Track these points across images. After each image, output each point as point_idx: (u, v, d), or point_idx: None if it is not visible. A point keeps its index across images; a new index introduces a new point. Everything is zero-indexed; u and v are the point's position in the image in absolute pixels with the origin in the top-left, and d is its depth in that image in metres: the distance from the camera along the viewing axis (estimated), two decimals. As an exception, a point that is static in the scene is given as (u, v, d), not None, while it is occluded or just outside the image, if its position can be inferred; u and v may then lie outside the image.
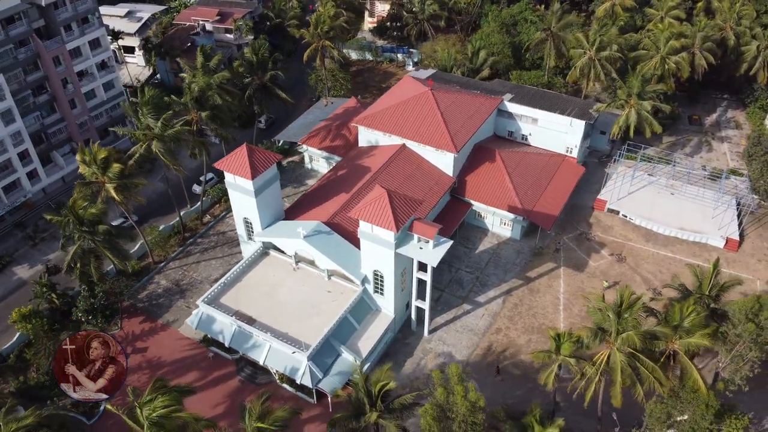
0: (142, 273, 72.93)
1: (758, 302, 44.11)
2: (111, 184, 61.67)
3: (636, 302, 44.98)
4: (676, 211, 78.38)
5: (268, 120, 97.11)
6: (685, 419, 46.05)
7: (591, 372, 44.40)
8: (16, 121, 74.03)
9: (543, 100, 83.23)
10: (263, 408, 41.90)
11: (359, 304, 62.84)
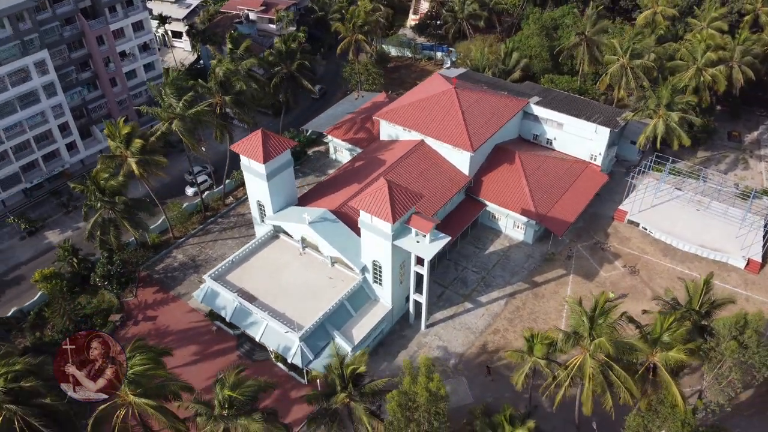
0: (162, 246, 76.33)
1: (744, 319, 42.68)
2: (133, 159, 64.97)
3: (611, 309, 44.31)
4: (698, 228, 75.96)
5: (320, 90, 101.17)
6: (663, 435, 45.13)
7: (562, 376, 44.08)
8: (58, 94, 78.72)
9: (571, 105, 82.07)
10: (237, 379, 43.59)
11: (358, 293, 64.00)
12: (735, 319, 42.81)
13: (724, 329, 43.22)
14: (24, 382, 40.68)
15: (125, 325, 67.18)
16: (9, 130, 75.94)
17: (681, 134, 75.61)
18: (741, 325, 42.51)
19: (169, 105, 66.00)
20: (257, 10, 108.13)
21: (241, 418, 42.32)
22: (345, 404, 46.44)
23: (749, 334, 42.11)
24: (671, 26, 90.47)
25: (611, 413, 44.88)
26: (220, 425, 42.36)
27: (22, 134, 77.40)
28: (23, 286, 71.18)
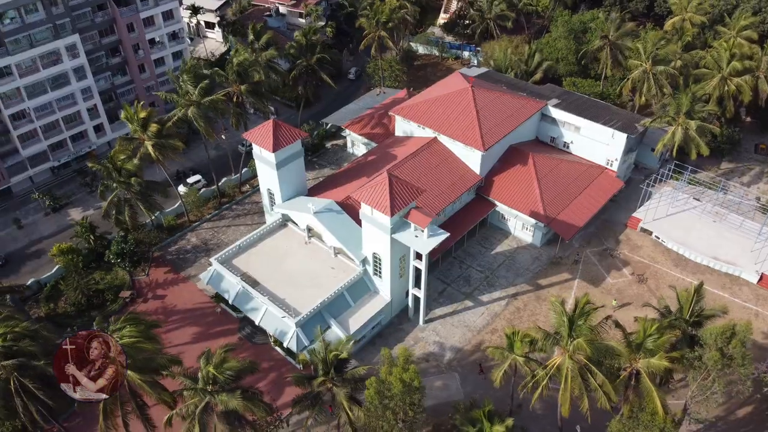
0: (177, 229, 78.67)
1: (732, 330, 41.84)
2: (149, 142, 67.29)
3: (592, 311, 44.06)
4: (713, 240, 74.28)
5: (357, 71, 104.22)
6: (644, 443, 44.64)
7: (540, 375, 44.05)
8: (88, 78, 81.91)
9: (590, 109, 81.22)
10: (222, 357, 44.98)
11: (358, 284, 64.91)
12: (722, 329, 42.01)
13: (710, 339, 42.47)
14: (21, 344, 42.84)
15: (135, 302, 69.58)
16: (39, 110, 79.43)
17: (700, 143, 74.08)
18: (727, 336, 41.69)
19: (186, 92, 68.16)
20: (288, 4, 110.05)
21: (222, 394, 43.71)
22: (328, 389, 47.50)
23: (734, 345, 41.28)
24: (700, 34, 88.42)
25: (587, 416, 44.62)
26: (203, 399, 43.83)
27: (52, 114, 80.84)
28: (43, 259, 74.44)
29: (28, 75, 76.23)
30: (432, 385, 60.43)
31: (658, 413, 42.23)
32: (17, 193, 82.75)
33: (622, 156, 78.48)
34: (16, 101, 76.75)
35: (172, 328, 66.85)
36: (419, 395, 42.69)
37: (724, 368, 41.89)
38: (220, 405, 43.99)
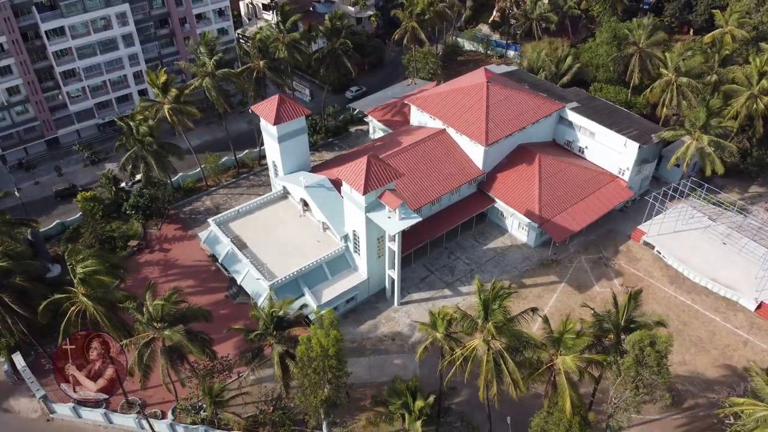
0: (194, 191, 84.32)
1: (651, 338, 40.99)
2: (167, 105, 72.81)
3: (507, 296, 44.75)
4: (717, 262, 71.25)
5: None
6: (561, 441, 44.76)
7: (457, 355, 45.10)
8: (135, 45, 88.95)
9: (608, 115, 79.60)
10: (175, 296, 49.16)
11: (338, 259, 67.58)
12: (640, 336, 41.27)
13: (629, 345, 41.90)
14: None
15: (141, 251, 75.55)
16: (88, 70, 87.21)
17: (714, 160, 71.27)
18: (646, 343, 40.94)
19: (203, 63, 73.17)
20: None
21: (166, 330, 47.80)
22: (270, 344, 50.69)
23: (648, 352, 40.53)
24: (743, 49, 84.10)
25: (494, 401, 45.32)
26: (149, 332, 48.11)
27: (99, 76, 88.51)
28: (72, 205, 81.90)
29: (80, 37, 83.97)
30: (392, 363, 62.44)
31: (566, 411, 42.31)
32: (64, 144, 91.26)
33: (634, 166, 76.52)
34: (67, 60, 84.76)
35: (170, 280, 72.08)
36: (335, 361, 44.77)
37: (637, 375, 41.32)
38: (165, 339, 48.13)
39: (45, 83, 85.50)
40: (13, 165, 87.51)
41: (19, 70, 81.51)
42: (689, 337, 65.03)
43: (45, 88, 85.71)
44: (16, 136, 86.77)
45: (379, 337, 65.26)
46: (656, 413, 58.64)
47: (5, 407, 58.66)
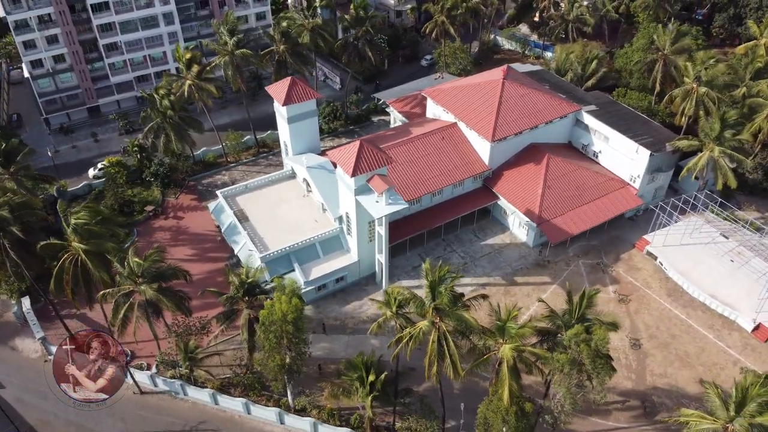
0: (215, 166, 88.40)
1: (586, 334, 40.72)
2: (189, 81, 76.83)
3: (454, 279, 45.55)
4: (719, 278, 68.92)
5: (432, 60, 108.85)
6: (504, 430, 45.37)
7: (405, 333, 46.27)
8: (175, 24, 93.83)
9: (625, 121, 78.15)
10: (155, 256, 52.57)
11: (332, 240, 69.66)
12: (576, 332, 41.07)
13: (567, 340, 41.78)
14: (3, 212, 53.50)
15: (156, 216, 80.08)
16: (129, 45, 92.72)
17: (727, 173, 68.91)
18: (582, 340, 40.71)
19: (224, 42, 76.73)
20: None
21: (143, 285, 51.26)
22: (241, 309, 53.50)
23: (582, 349, 40.32)
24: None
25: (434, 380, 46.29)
26: (128, 286, 51.73)
27: (140, 51, 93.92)
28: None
29: (123, 13, 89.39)
30: (369, 343, 63.87)
31: (503, 399, 42.82)
32: (104, 113, 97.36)
33: (646, 174, 74.85)
34: (111, 34, 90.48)
35: (178, 244, 76.30)
36: (292, 327, 46.80)
37: (571, 371, 41.28)
38: (141, 295, 51.61)
39: (89, 54, 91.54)
40: (55, 128, 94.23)
41: (64, 40, 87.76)
42: (675, 351, 63.47)
43: (89, 59, 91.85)
44: (59, 102, 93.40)
45: (362, 318, 66.95)
46: (625, 422, 57.96)
47: (11, 345, 64.10)
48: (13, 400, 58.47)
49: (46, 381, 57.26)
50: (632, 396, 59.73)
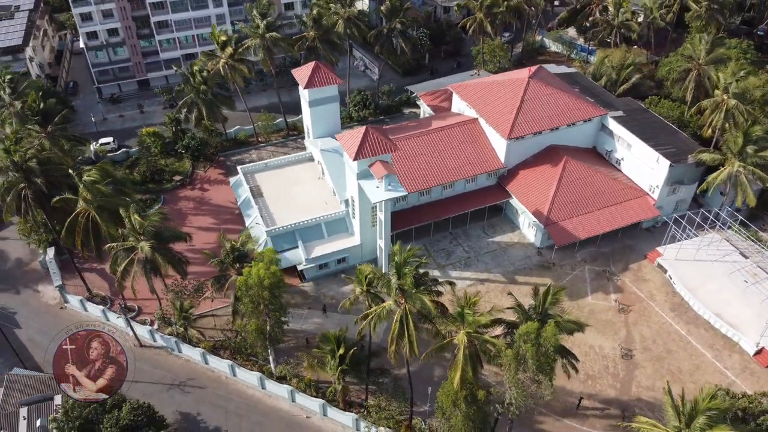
0: (245, 144, 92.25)
1: (537, 331, 40.56)
2: (223, 60, 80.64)
3: (419, 264, 46.37)
4: (729, 298, 66.47)
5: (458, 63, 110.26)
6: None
7: (372, 311, 47.67)
8: (223, 6, 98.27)
9: (651, 130, 76.30)
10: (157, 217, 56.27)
11: (338, 222, 71.72)
12: (527, 328, 41.03)
13: (518, 336, 41.81)
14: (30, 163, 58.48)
15: (184, 186, 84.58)
16: (179, 24, 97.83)
17: (747, 190, 66.32)
18: (531, 336, 40.67)
19: (257, 26, 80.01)
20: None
21: (143, 242, 54.96)
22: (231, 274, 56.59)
23: (527, 348, 40.30)
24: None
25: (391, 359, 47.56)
26: (141, 243, 55.53)
27: (189, 30, 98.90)
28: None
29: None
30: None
31: (453, 383, 43.59)
32: (153, 87, 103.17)
33: (665, 185, 72.89)
34: (162, 12, 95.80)
35: (199, 213, 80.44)
36: (267, 293, 49.15)
37: (517, 367, 41.47)
38: (140, 250, 55.36)
39: (141, 30, 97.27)
40: (106, 98, 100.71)
41: (118, 14, 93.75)
42: (669, 366, 61.90)
43: (140, 35, 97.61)
44: (111, 73, 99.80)
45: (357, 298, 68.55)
46: (601, 428, 57.23)
47: (35, 289, 69.75)
48: (26, 340, 63.80)
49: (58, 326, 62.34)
50: (614, 405, 58.85)
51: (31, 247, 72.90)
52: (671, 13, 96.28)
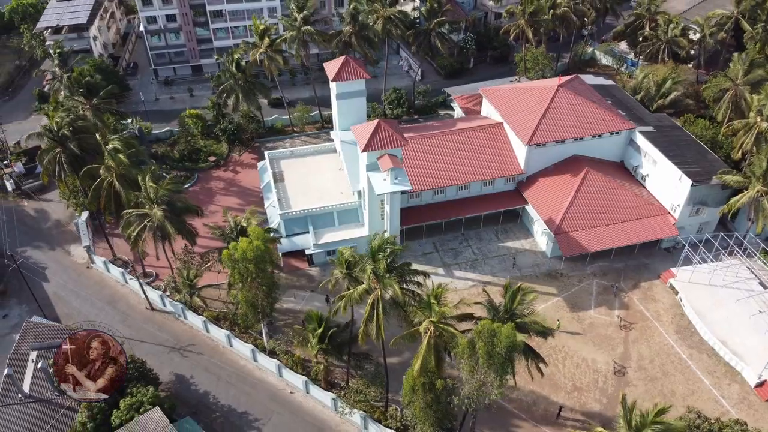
0: (281, 133, 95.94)
1: (493, 330, 40.71)
2: (261, 50, 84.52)
3: (392, 252, 47.46)
4: (738, 326, 63.87)
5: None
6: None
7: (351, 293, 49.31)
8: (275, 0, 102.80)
9: (679, 148, 74.23)
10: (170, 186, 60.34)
11: (350, 212, 73.86)
12: (482, 326, 41.28)
13: (476, 335, 42.12)
14: (64, 130, 63.78)
15: (218, 167, 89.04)
16: (233, 14, 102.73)
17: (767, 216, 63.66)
18: (487, 335, 40.91)
19: (294, 19, 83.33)
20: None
21: (154, 206, 58.98)
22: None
23: (480, 346, 40.61)
24: None
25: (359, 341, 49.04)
26: (153, 209, 59.65)
27: (242, 20, 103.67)
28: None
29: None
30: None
31: (413, 370, 44.65)
32: (206, 72, 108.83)
33: (686, 204, 70.79)
34: (217, 1, 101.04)
35: (227, 193, 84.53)
36: (252, 266, 51.78)
37: (471, 361, 41.96)
38: (154, 217, 59.40)
39: (197, 18, 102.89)
40: (162, 80, 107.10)
41: (177, 2, 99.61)
42: (662, 387, 60.30)
43: (196, 22, 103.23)
44: (167, 57, 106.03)
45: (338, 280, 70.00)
46: (578, 441, 56.59)
47: (67, 250, 75.53)
48: (51, 294, 69.36)
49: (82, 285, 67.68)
50: (596, 419, 57.92)
51: (69, 210, 78.95)
52: (723, 33, 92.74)
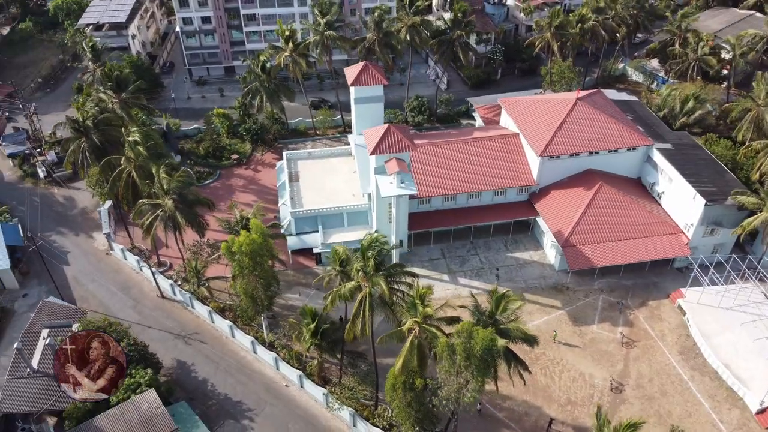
0: (303, 135, 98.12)
1: (470, 331, 40.98)
2: (285, 54, 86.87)
3: (383, 249, 48.23)
4: (744, 351, 62.27)
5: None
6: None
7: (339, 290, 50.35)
8: (306, 6, 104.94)
9: (696, 166, 73.00)
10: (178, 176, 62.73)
11: (360, 214, 75.13)
12: (462, 327, 41.55)
13: (456, 335, 42.38)
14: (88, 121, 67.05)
15: (240, 165, 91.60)
16: (265, 18, 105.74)
17: (782, 239, 62.02)
18: (465, 335, 41.15)
19: (318, 23, 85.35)
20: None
21: (166, 197, 61.44)
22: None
23: (457, 343, 40.89)
24: None
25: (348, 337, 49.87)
26: (165, 199, 62.18)
27: (274, 24, 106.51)
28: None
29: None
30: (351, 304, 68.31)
31: (394, 368, 45.28)
32: (237, 74, 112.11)
33: (700, 224, 69.47)
34: (251, 6, 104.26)
35: (246, 190, 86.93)
36: (247, 258, 53.38)
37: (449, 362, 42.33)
38: (164, 205, 61.88)
39: (231, 21, 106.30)
40: (195, 80, 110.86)
41: (212, 4, 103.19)
42: (658, 407, 59.23)
43: (230, 25, 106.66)
44: (201, 57, 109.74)
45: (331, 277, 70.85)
46: (567, 455, 56.10)
47: (89, 235, 78.97)
48: (70, 277, 72.67)
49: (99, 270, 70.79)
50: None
51: (95, 198, 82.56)
52: (754, 52, 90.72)
